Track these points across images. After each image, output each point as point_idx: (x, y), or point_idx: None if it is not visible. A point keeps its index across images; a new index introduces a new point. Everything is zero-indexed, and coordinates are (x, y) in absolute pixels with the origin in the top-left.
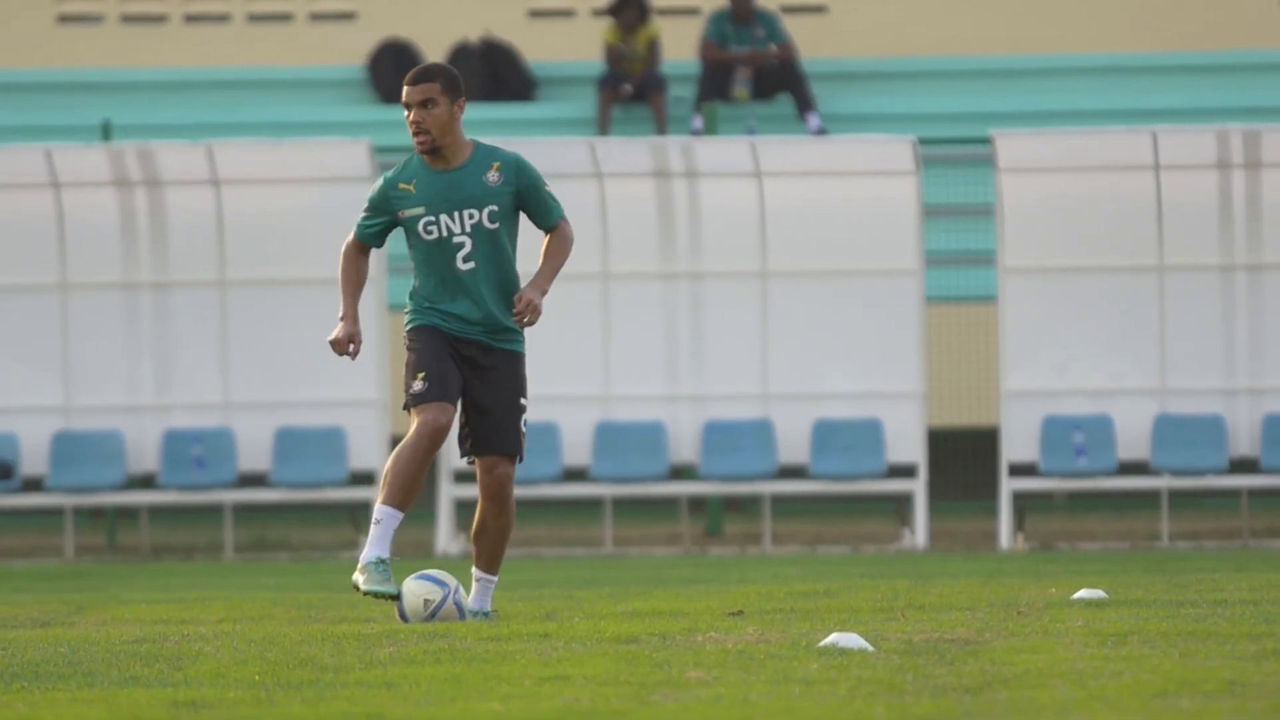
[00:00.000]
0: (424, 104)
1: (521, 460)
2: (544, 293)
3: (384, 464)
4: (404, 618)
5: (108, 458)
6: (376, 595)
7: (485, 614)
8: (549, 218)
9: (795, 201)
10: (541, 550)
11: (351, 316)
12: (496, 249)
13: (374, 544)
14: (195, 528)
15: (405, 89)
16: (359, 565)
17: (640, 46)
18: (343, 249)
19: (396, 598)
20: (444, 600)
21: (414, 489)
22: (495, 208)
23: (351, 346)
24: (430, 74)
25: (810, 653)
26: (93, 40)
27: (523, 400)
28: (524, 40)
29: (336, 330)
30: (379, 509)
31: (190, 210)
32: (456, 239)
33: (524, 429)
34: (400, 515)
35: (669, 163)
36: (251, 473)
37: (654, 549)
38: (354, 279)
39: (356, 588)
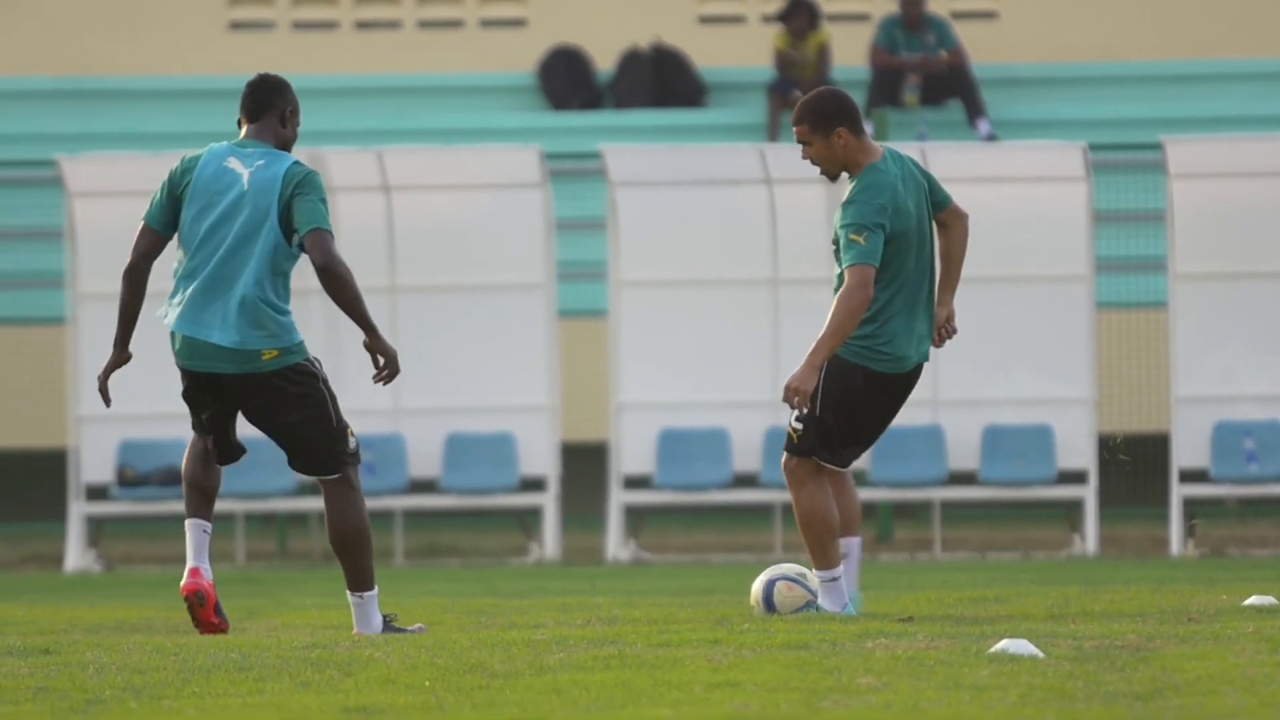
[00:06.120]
0: (803, 145)
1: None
2: (807, 366)
3: (554, 470)
4: (771, 608)
5: (275, 464)
6: None
7: None
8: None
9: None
10: (710, 556)
11: None
12: (881, 271)
13: None
14: None
15: None
16: None
17: (810, 52)
18: None
19: None
20: (806, 605)
21: None
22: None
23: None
24: (798, 116)
25: (980, 659)
26: (264, 46)
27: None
28: (694, 46)
29: None
30: None
31: (361, 216)
32: None
33: None
34: None
35: None
36: (422, 479)
37: None
38: None
39: None
